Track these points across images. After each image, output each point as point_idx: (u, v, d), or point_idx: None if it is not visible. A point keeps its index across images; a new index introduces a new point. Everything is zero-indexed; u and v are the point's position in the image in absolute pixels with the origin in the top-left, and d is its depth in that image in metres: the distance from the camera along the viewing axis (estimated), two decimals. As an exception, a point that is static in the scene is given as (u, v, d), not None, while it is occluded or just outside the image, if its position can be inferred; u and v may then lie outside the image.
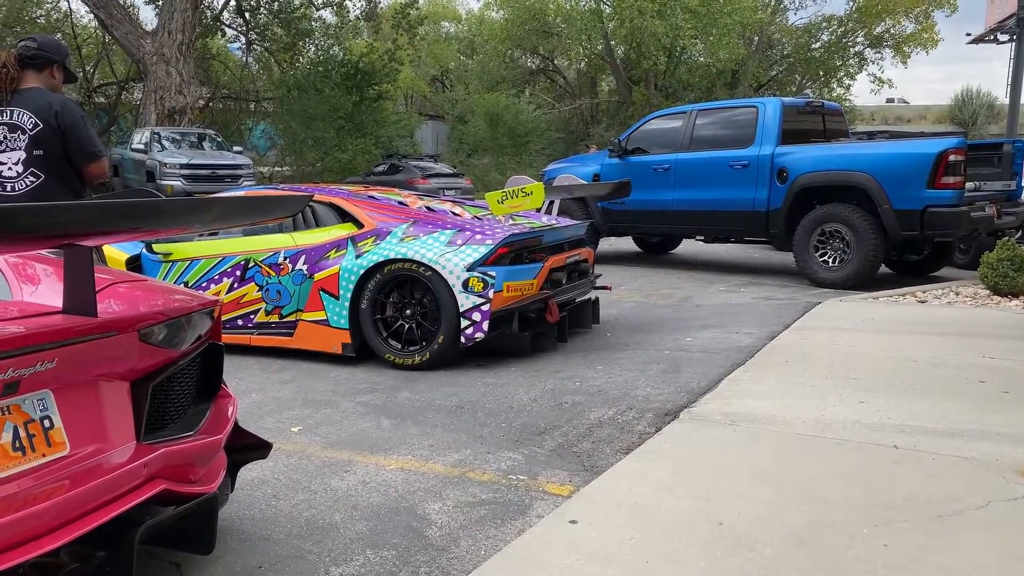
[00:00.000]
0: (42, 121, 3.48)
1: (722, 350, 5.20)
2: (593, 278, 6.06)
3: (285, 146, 26.03)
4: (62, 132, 3.50)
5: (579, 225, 6.05)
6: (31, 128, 3.49)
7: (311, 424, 3.99)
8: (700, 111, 9.80)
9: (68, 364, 1.91)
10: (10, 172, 3.52)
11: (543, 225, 5.58)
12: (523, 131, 31.35)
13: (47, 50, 3.60)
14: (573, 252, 5.65)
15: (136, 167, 17.52)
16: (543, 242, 5.28)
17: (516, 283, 4.95)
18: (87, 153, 3.58)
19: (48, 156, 3.51)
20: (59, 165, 3.55)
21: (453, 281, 4.82)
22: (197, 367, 2.50)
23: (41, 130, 3.49)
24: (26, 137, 3.49)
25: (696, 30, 27.09)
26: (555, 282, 5.31)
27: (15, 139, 3.50)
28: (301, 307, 5.31)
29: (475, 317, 4.83)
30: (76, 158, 3.57)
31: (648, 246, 11.60)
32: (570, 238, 5.73)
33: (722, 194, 9.04)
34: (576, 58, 36.58)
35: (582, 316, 5.97)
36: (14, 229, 1.66)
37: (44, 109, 3.49)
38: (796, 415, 3.72)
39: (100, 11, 21.29)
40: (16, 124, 3.49)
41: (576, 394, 4.31)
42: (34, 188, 3.53)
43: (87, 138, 3.59)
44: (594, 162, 10.72)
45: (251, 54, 27.86)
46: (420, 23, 27.01)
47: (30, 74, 3.56)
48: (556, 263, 5.32)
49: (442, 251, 4.93)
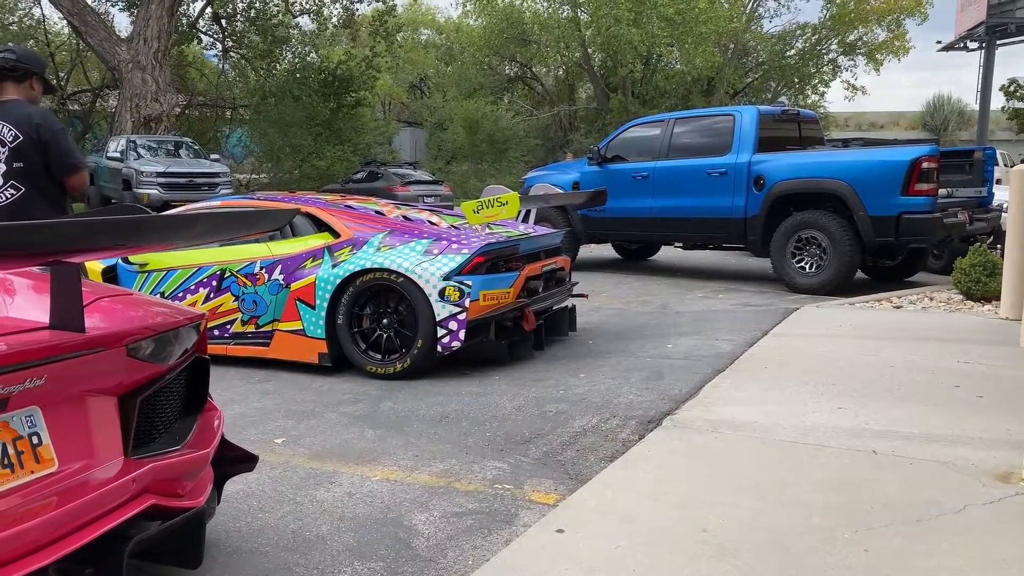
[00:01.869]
0: (22, 133, 3.47)
1: (703, 357, 5.26)
2: (570, 286, 6.11)
3: (262, 153, 25.89)
4: (43, 144, 3.50)
5: (555, 234, 6.08)
6: (11, 140, 3.48)
7: (295, 435, 3.98)
8: (678, 119, 9.91)
9: (57, 380, 1.91)
10: None
11: (520, 234, 5.63)
12: (502, 138, 31.43)
13: (26, 62, 3.59)
14: (549, 261, 5.70)
15: (112, 175, 17.37)
16: (519, 251, 5.32)
17: (492, 292, 4.98)
18: (68, 165, 3.58)
19: (28, 168, 3.50)
20: (39, 177, 3.55)
21: (429, 290, 4.84)
22: (183, 381, 2.50)
23: (22, 142, 3.48)
24: (6, 149, 3.49)
25: (672, 38, 27.33)
26: (531, 291, 5.35)
27: None
28: (277, 317, 5.30)
29: (452, 326, 4.85)
30: (57, 170, 3.57)
31: (627, 253, 11.69)
32: (546, 247, 5.78)
33: (700, 202, 9.14)
34: (554, 65, 36.77)
35: (559, 324, 6.00)
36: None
37: (24, 121, 3.48)
38: (776, 421, 3.77)
39: (74, 18, 21.08)
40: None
41: (560, 402, 4.34)
42: (14, 200, 3.52)
43: (68, 150, 3.59)
44: (574, 170, 10.79)
45: (227, 61, 27.72)
46: (398, 30, 27.05)
47: (9, 86, 3.55)
48: (532, 272, 5.36)
49: (418, 260, 4.95)
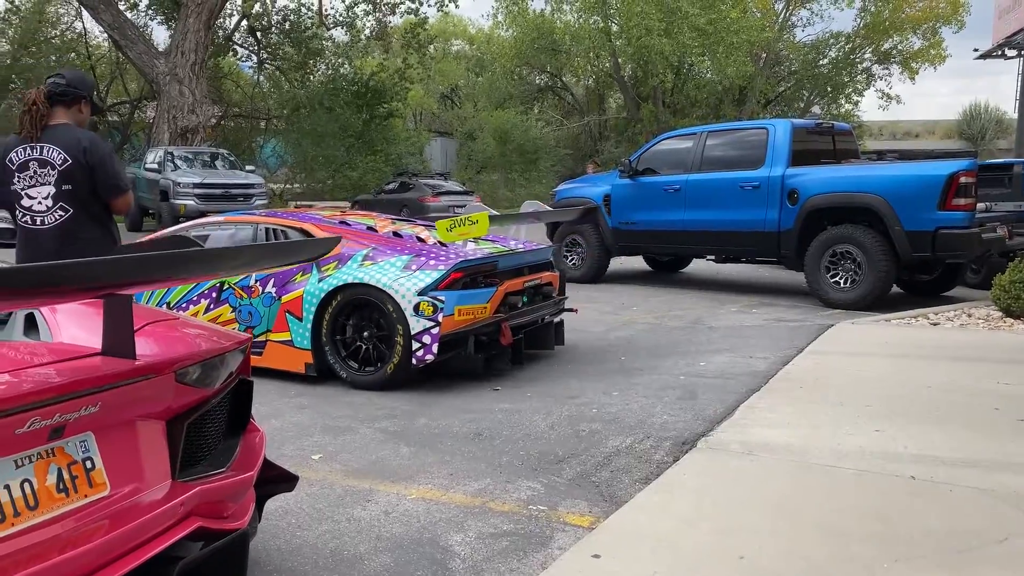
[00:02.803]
0: (71, 157, 3.58)
1: (737, 375, 5.24)
2: (559, 300, 6.16)
3: (295, 164, 26.19)
4: (91, 168, 3.60)
5: (543, 250, 6.15)
6: (61, 164, 3.59)
7: (331, 451, 4.03)
8: (711, 132, 9.88)
9: (109, 407, 1.96)
10: (40, 206, 3.61)
11: (501, 250, 5.72)
12: (532, 148, 31.51)
13: (76, 86, 3.70)
14: (533, 276, 5.79)
15: (150, 186, 17.69)
16: (498, 267, 5.41)
17: (468, 307, 5.10)
18: (114, 187, 3.70)
19: (77, 190, 3.62)
20: (87, 199, 3.65)
21: (405, 305, 4.99)
22: (228, 402, 2.55)
23: (70, 166, 3.58)
24: (55, 172, 3.59)
25: (703, 48, 27.23)
26: (511, 305, 5.45)
27: (45, 174, 3.59)
28: (270, 328, 5.51)
29: (425, 340, 4.98)
30: (104, 192, 3.69)
31: (659, 265, 11.66)
32: (531, 263, 5.86)
33: (733, 215, 9.09)
34: (584, 75, 36.78)
35: (544, 338, 6.08)
36: (57, 284, 1.74)
37: (74, 146, 3.58)
38: (812, 444, 3.75)
39: (114, 32, 21.55)
40: (46, 160, 3.59)
41: (593, 421, 4.35)
42: (63, 221, 3.62)
43: (114, 173, 3.71)
44: (604, 182, 10.79)
45: (262, 73, 28.12)
46: (430, 42, 27.25)
47: (59, 110, 3.65)
48: (512, 287, 5.46)
49: (396, 276, 5.10)
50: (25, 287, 1.71)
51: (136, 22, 24.43)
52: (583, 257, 10.59)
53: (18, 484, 1.79)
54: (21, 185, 3.62)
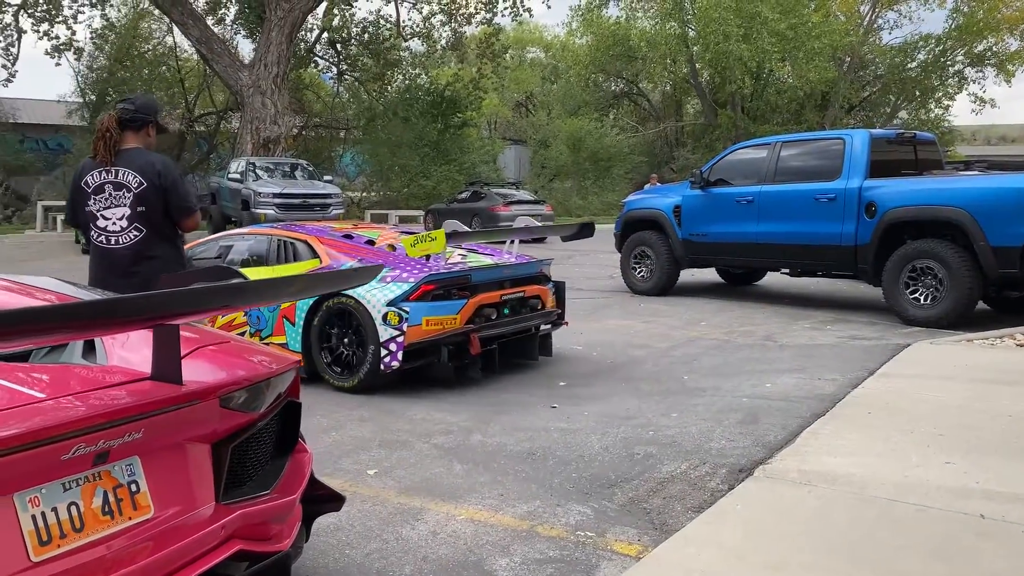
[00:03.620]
0: (146, 180, 3.77)
1: (803, 398, 5.08)
2: (548, 313, 6.29)
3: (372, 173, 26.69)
4: (163, 190, 3.80)
5: (530, 264, 6.29)
6: (136, 187, 3.78)
7: (387, 467, 4.08)
8: (785, 143, 9.65)
9: (154, 431, 2.03)
10: (114, 227, 3.80)
11: (483, 264, 6.00)
12: (605, 156, 31.34)
13: (144, 111, 3.90)
14: (515, 290, 5.98)
15: (232, 195, 18.28)
16: (471, 280, 5.65)
17: (437, 317, 5.38)
18: (185, 208, 3.91)
19: (150, 212, 3.81)
20: (159, 219, 3.85)
21: (375, 314, 5.35)
22: (275, 424, 2.61)
23: (145, 188, 3.78)
24: (131, 195, 3.78)
25: (783, 53, 26.60)
26: (486, 317, 5.67)
27: (120, 196, 3.80)
28: (272, 332, 5.94)
29: (392, 347, 5.32)
30: (175, 213, 3.89)
31: (732, 277, 11.42)
32: (513, 276, 6.04)
33: (807, 227, 8.85)
34: (660, 81, 36.40)
35: (528, 348, 6.29)
36: (115, 316, 1.82)
37: (148, 169, 3.78)
38: (876, 475, 3.60)
39: (202, 46, 22.40)
40: (121, 183, 3.79)
41: (649, 444, 4.28)
42: (138, 241, 3.82)
43: (184, 194, 3.93)
44: (674, 193, 10.64)
45: (342, 84, 28.78)
46: (505, 51, 27.42)
47: (129, 135, 3.85)
48: (487, 299, 5.68)
49: (371, 287, 5.38)
50: (84, 320, 1.81)
51: (222, 36, 25.36)
52: (651, 269, 10.46)
53: (65, 507, 1.86)
54: (97, 206, 3.81)
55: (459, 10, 24.31)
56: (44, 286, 2.93)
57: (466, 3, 23.98)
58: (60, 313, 1.85)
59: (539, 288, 6.22)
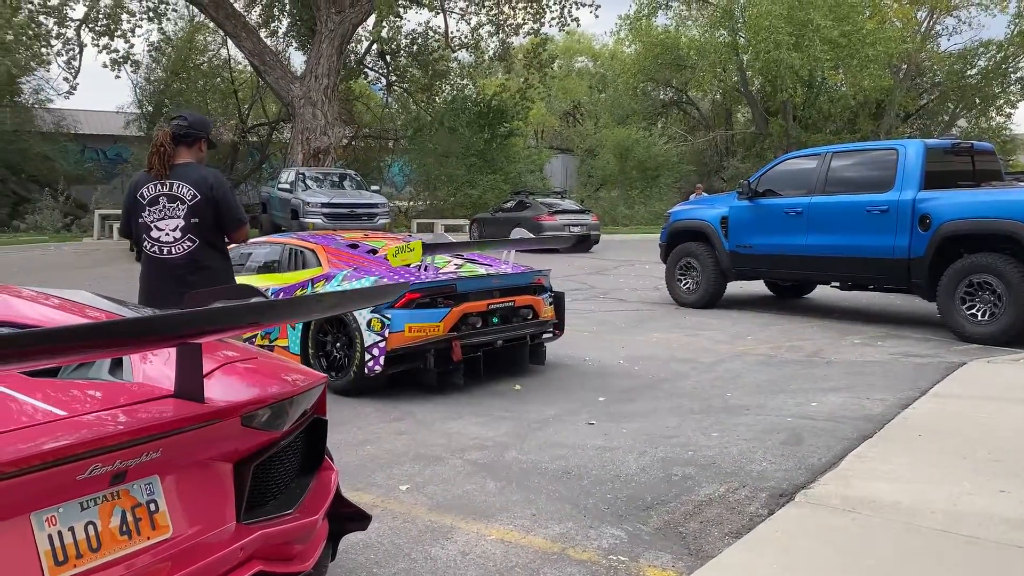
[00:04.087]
0: (200, 193, 3.94)
1: (849, 419, 4.90)
2: (543, 323, 6.41)
3: (419, 182, 26.87)
4: (216, 203, 3.97)
5: (522, 274, 6.42)
6: (190, 199, 3.94)
7: (419, 482, 4.04)
8: (836, 153, 9.41)
9: (173, 451, 2.01)
10: (168, 237, 3.96)
11: (473, 273, 6.19)
12: (653, 165, 31.09)
13: (197, 128, 4.06)
14: (504, 299, 6.10)
15: (282, 205, 18.57)
16: (457, 289, 5.82)
17: (420, 325, 5.58)
18: (236, 221, 4.10)
19: (202, 223, 3.97)
20: (210, 230, 4.02)
21: (360, 321, 5.58)
22: (300, 441, 2.58)
23: (198, 201, 3.94)
24: (185, 207, 3.94)
25: (836, 61, 26.07)
26: (471, 325, 5.85)
27: (174, 208, 3.94)
28: (278, 335, 6.20)
29: (375, 352, 5.56)
30: (226, 225, 4.07)
31: (780, 290, 11.17)
32: (503, 287, 6.17)
33: (858, 240, 8.61)
34: (710, 90, 36.01)
35: (518, 357, 6.47)
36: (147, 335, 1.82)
37: (201, 183, 3.95)
38: (925, 503, 3.44)
39: (255, 58, 22.83)
40: (175, 195, 3.94)
41: (688, 465, 4.16)
42: (191, 251, 3.98)
43: (235, 207, 4.11)
44: (721, 204, 10.46)
45: (391, 95, 29.08)
46: (552, 61, 27.43)
47: (182, 149, 4.00)
48: (472, 308, 5.85)
49: None
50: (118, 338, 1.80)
51: (275, 48, 25.84)
52: (697, 281, 10.28)
53: (82, 526, 1.85)
54: (151, 218, 3.96)
55: (507, 21, 24.38)
56: (78, 299, 2.97)
57: (514, 14, 24.05)
58: (91, 332, 1.84)
59: (532, 298, 6.31)
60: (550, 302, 6.51)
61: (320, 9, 22.44)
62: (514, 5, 23.89)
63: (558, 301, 6.64)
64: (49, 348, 1.70)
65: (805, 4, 25.17)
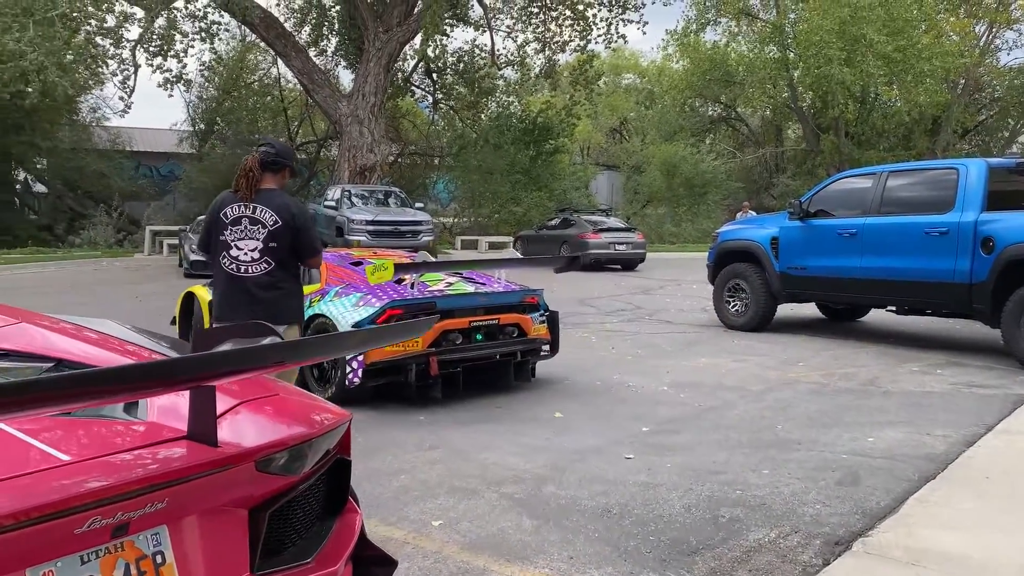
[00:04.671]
0: (281, 219, 4.14)
1: (909, 457, 4.61)
2: (528, 341, 6.54)
3: (463, 199, 26.91)
4: (296, 230, 4.18)
5: (508, 293, 6.57)
6: (271, 224, 4.14)
7: (453, 517, 3.89)
8: (892, 172, 9.08)
9: (182, 499, 1.88)
10: (246, 257, 4.15)
11: (454, 292, 6.40)
12: (700, 181, 30.72)
13: (283, 157, 4.29)
14: (487, 317, 6.30)
15: (328, 222, 18.69)
16: (437, 307, 6.01)
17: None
18: (312, 250, 4.32)
19: (280, 248, 4.17)
20: (286, 255, 4.22)
21: None
22: (322, 483, 2.45)
23: (279, 227, 4.14)
24: (265, 231, 4.14)
25: (890, 76, 25.45)
26: (451, 341, 6.06)
27: (255, 231, 4.15)
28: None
29: (354, 365, 5.79)
30: (303, 253, 4.28)
31: (832, 313, 10.82)
32: (487, 304, 6.37)
33: (916, 263, 8.26)
34: (760, 106, 35.50)
35: (502, 374, 6.61)
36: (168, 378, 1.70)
37: (284, 210, 4.16)
38: (995, 556, 3.17)
39: (303, 77, 23.14)
40: (257, 219, 4.14)
41: (736, 506, 3.93)
42: (265, 273, 4.18)
43: (314, 237, 4.35)
44: (771, 224, 10.17)
45: (437, 112, 29.23)
46: (598, 78, 27.27)
47: (268, 175, 4.21)
48: (453, 325, 6.06)
49: (344, 310, 5.99)
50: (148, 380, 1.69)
51: (323, 67, 26.16)
52: (746, 303, 9.99)
53: (81, 582, 1.73)
54: (232, 237, 4.17)
55: (553, 38, 24.31)
56: (102, 329, 2.89)
57: (560, 31, 23.97)
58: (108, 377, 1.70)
59: (519, 317, 6.48)
60: (541, 321, 6.65)
61: (368, 28, 22.67)
62: (560, 23, 23.81)
63: (552, 321, 6.77)
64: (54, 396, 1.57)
65: (858, 19, 24.63)
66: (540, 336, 6.63)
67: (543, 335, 6.66)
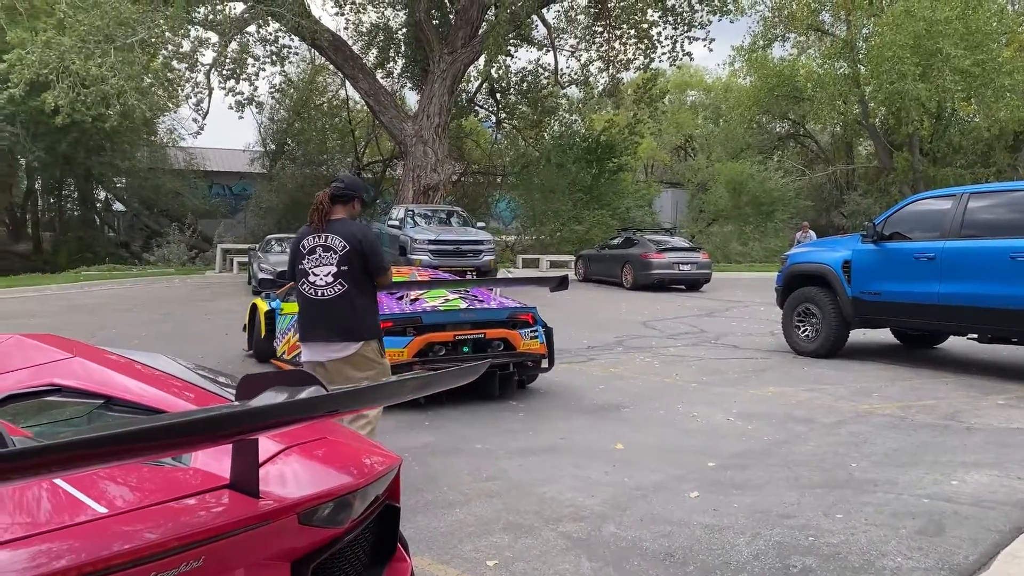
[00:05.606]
0: (350, 245, 4.53)
1: (999, 504, 4.30)
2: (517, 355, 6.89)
3: (525, 218, 26.88)
4: (363, 254, 4.56)
5: (497, 310, 7.04)
6: (341, 249, 4.54)
7: (508, 557, 3.75)
8: (973, 194, 8.63)
9: (220, 554, 1.80)
10: (321, 282, 4.56)
11: (445, 307, 6.86)
12: (768, 200, 30.08)
13: (352, 189, 4.70)
14: (473, 331, 6.79)
15: (391, 242, 18.85)
16: (423, 321, 6.56)
17: (387, 350, 5.79)
18: (380, 268, 4.67)
19: (351, 271, 4.55)
20: (358, 276, 4.58)
21: None
22: (370, 531, 2.35)
23: (348, 251, 4.53)
24: (336, 256, 4.55)
25: (968, 91, 24.51)
26: (436, 352, 6.57)
27: (328, 257, 4.56)
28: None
29: None
30: (372, 272, 4.64)
31: (908, 339, 10.35)
32: (474, 320, 6.86)
33: (1001, 289, 7.83)
34: (829, 122, 34.65)
35: (486, 386, 6.89)
36: (207, 433, 1.61)
37: (350, 236, 4.55)
38: (1104, 625, 2.88)
39: (370, 98, 23.50)
40: (329, 246, 4.56)
41: (807, 554, 3.70)
42: (340, 295, 4.56)
43: (380, 257, 4.70)
44: (844, 247, 9.79)
45: (500, 131, 29.36)
46: (662, 95, 27.02)
47: (338, 207, 4.63)
48: (437, 338, 6.58)
49: None
50: (195, 434, 1.60)
51: (390, 88, 26.54)
52: (817, 328, 9.62)
53: (114, 643, 1.66)
54: (309, 265, 4.61)
55: (616, 57, 24.18)
56: (155, 364, 2.86)
57: (624, 50, 23.82)
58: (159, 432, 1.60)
59: (506, 331, 6.91)
60: (533, 335, 6.99)
61: (433, 50, 22.93)
62: (624, 41, 23.67)
63: (548, 336, 7.12)
64: (99, 453, 1.48)
65: (934, 34, 23.82)
66: (531, 351, 6.99)
67: (536, 350, 7.01)
